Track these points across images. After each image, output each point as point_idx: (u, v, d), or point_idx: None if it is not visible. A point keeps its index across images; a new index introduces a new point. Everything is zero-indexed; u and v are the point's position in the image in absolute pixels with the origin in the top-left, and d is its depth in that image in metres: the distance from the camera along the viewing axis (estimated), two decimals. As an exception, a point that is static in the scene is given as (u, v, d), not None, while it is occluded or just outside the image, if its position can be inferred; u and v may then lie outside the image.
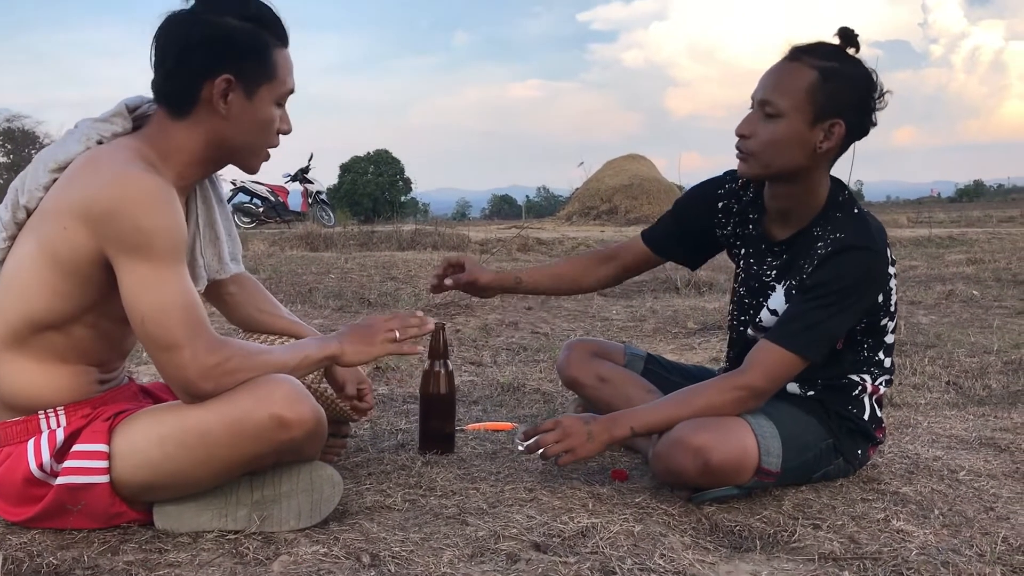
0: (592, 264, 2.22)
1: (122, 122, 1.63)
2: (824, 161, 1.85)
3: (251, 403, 1.52)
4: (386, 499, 1.81)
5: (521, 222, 16.22)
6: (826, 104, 1.78)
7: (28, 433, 1.59)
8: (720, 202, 2.05)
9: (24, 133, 30.37)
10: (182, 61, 1.56)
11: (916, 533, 1.68)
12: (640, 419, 1.86)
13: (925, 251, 9.30)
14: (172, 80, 1.58)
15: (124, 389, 1.75)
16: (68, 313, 1.56)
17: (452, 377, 2.17)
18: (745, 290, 2.02)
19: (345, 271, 6.43)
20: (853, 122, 1.81)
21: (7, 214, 1.60)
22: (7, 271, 1.59)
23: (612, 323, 4.47)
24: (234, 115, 1.59)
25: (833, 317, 1.79)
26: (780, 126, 1.79)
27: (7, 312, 1.57)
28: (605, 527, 1.65)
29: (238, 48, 1.56)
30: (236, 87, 1.57)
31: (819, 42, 1.83)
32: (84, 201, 1.49)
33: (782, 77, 1.81)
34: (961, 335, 4.00)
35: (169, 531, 1.61)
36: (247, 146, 1.65)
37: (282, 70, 1.62)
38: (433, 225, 12.16)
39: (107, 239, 1.48)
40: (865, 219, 1.85)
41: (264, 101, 1.61)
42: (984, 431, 2.45)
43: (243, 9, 1.58)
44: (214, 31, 1.56)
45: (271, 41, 1.60)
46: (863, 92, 1.82)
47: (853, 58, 1.83)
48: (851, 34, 1.82)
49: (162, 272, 1.48)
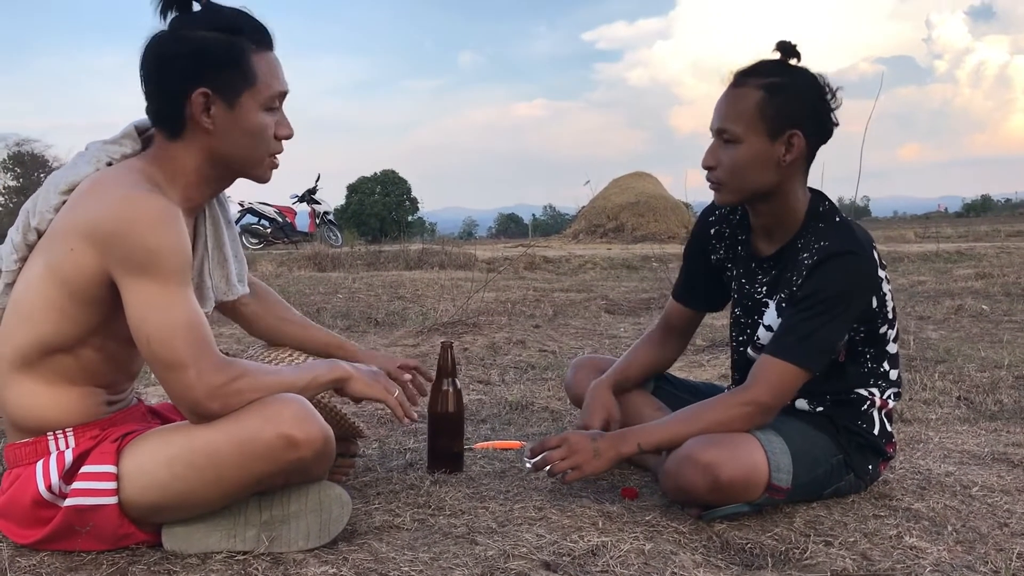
0: (659, 346, 2.19)
1: (131, 143, 1.64)
2: (794, 172, 1.86)
3: (260, 423, 1.51)
4: (395, 519, 1.80)
5: (528, 240, 16.25)
6: (778, 118, 1.80)
7: (37, 455, 1.59)
8: (712, 228, 2.08)
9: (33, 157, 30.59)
10: (160, 82, 1.57)
11: (930, 550, 1.67)
12: (647, 436, 1.86)
13: (933, 266, 9.28)
14: (156, 102, 1.59)
15: (133, 410, 1.75)
16: (75, 335, 1.56)
17: (460, 395, 2.16)
18: (740, 310, 2.03)
19: (353, 291, 6.45)
20: (811, 128, 1.83)
21: (18, 236, 1.61)
22: (17, 293, 1.60)
23: (620, 341, 4.46)
24: (220, 128, 1.58)
25: (827, 325, 1.80)
26: (741, 150, 1.82)
27: (16, 335, 1.57)
28: (615, 545, 1.64)
29: (210, 59, 1.55)
30: (215, 100, 1.56)
31: (760, 61, 1.86)
32: (90, 222, 1.49)
33: (731, 103, 1.84)
34: (971, 350, 3.98)
35: (178, 552, 1.60)
36: (244, 157, 1.63)
37: (264, 74, 1.60)
38: (440, 244, 12.20)
39: (113, 259, 1.48)
40: (848, 226, 1.86)
41: (249, 109, 1.59)
42: (996, 446, 2.43)
43: (215, 20, 1.57)
44: (185, 46, 1.55)
45: (246, 47, 1.58)
46: (813, 97, 1.84)
47: (797, 68, 1.85)
48: (789, 46, 1.85)
49: (167, 292, 1.48)
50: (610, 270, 9.79)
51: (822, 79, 1.85)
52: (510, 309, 5.63)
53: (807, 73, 1.85)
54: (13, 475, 1.61)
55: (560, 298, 6.34)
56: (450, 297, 6.04)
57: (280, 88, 1.63)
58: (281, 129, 1.64)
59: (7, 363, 1.58)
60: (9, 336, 1.58)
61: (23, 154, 31.14)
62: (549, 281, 8.16)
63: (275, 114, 1.63)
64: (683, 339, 2.22)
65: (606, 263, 10.39)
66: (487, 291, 6.29)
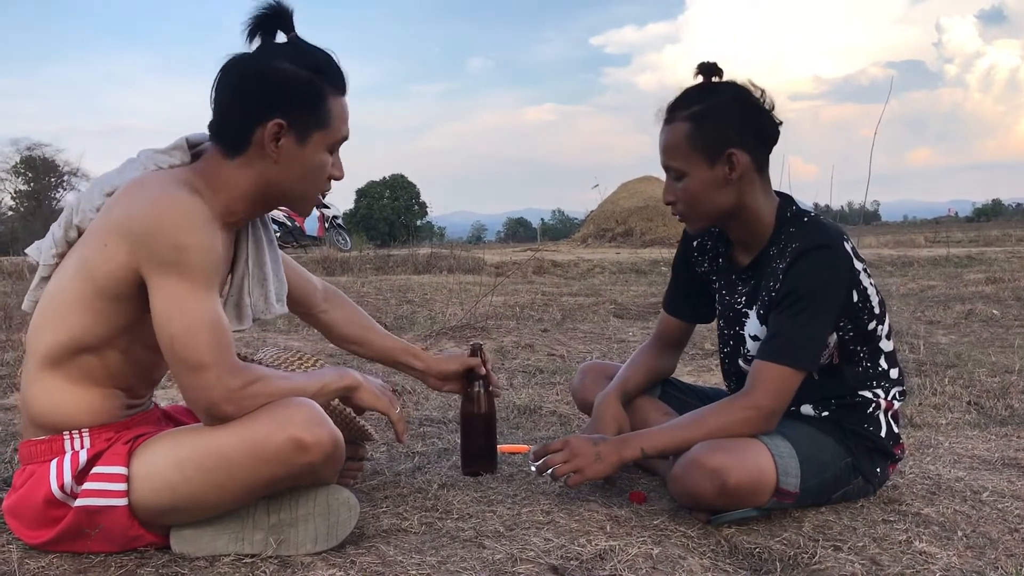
0: (656, 357, 2.20)
1: (181, 155, 1.66)
2: (747, 185, 1.87)
3: (270, 426, 1.52)
4: (403, 522, 1.80)
5: (536, 245, 16.24)
6: (709, 143, 1.82)
7: (52, 453, 1.60)
8: (694, 241, 2.10)
9: (44, 161, 30.78)
10: (237, 102, 1.60)
11: (939, 555, 1.66)
12: (650, 441, 1.86)
13: (943, 270, 9.25)
14: (226, 119, 1.61)
15: (148, 415, 1.76)
16: (103, 335, 1.58)
17: (492, 396, 2.19)
18: (724, 321, 2.04)
19: (361, 295, 6.46)
20: (746, 141, 1.84)
21: (59, 232, 1.65)
22: (50, 288, 1.63)
23: (629, 345, 4.45)
24: (284, 160, 1.61)
25: (811, 322, 1.80)
26: (689, 183, 1.86)
27: (46, 332, 1.60)
28: (623, 550, 1.64)
29: (293, 94, 1.59)
30: (288, 132, 1.60)
31: (684, 91, 1.88)
32: (124, 219, 1.52)
33: (667, 140, 1.87)
34: (982, 355, 3.97)
35: (186, 555, 1.61)
36: (296, 191, 1.67)
37: (336, 119, 1.64)
38: (448, 248, 12.21)
39: (143, 256, 1.50)
40: (817, 222, 1.87)
41: (316, 148, 1.63)
42: (1007, 451, 2.42)
43: (302, 57, 1.61)
44: (271, 75, 1.59)
45: (327, 89, 1.62)
46: (741, 110, 1.85)
47: (720, 86, 1.87)
48: (708, 66, 1.87)
49: (194, 292, 1.50)
50: (619, 274, 9.79)
51: (746, 87, 1.86)
52: (518, 313, 5.63)
53: (730, 88, 1.86)
54: (27, 472, 1.62)
55: (568, 302, 6.34)
56: (458, 301, 6.05)
57: (346, 133, 1.68)
58: (335, 171, 1.70)
59: (36, 360, 1.61)
60: (40, 333, 1.61)
61: (35, 158, 31.32)
62: (558, 285, 8.16)
63: (333, 156, 1.68)
64: (677, 349, 2.24)
65: (615, 267, 10.39)
66: (495, 295, 6.29)
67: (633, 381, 2.15)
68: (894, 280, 8.19)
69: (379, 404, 1.81)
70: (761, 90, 1.87)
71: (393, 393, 1.90)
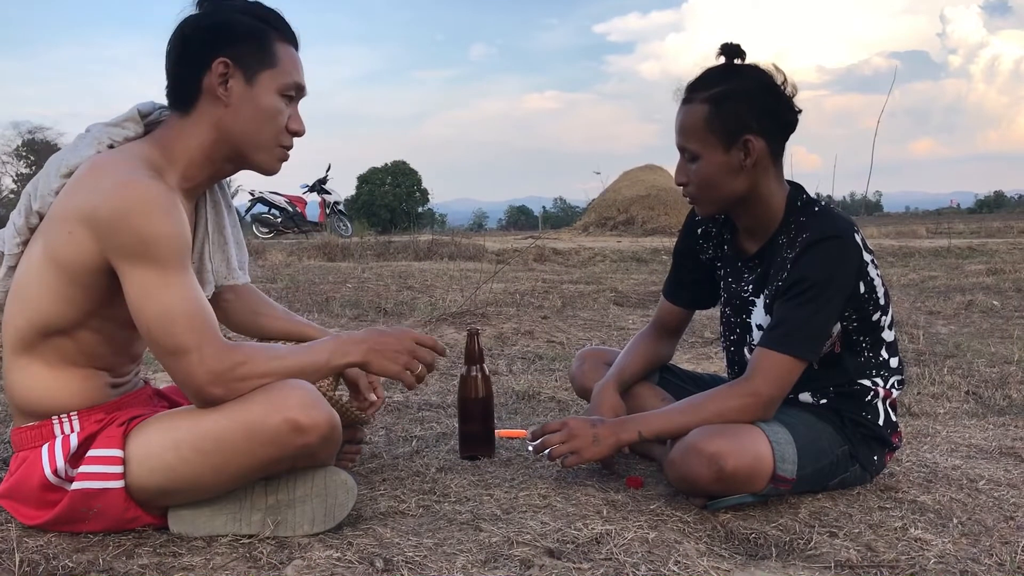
0: (654, 344, 2.19)
1: (133, 126, 1.64)
2: (763, 172, 1.85)
3: (266, 408, 1.52)
4: (400, 504, 1.81)
5: (538, 232, 16.23)
6: (728, 127, 1.80)
7: (42, 438, 1.60)
8: (699, 228, 2.09)
9: (46, 144, 30.74)
10: (183, 55, 1.59)
11: (934, 542, 1.66)
12: (648, 424, 1.86)
13: (944, 261, 9.24)
14: (175, 75, 1.61)
15: (139, 393, 1.76)
16: (73, 318, 1.57)
17: (489, 381, 2.19)
18: (730, 309, 2.04)
19: (362, 281, 6.46)
20: (765, 128, 1.82)
21: (20, 219, 1.62)
22: (18, 276, 1.61)
23: (628, 332, 4.45)
24: (235, 102, 1.59)
25: (818, 313, 1.79)
26: (703, 165, 1.84)
27: (17, 317, 1.59)
28: (619, 534, 1.64)
29: (235, 35, 1.58)
30: (235, 72, 1.58)
31: (705, 71, 1.85)
32: (87, 208, 1.50)
33: (684, 121, 1.85)
34: (981, 345, 3.97)
35: (183, 535, 1.61)
36: (252, 138, 1.63)
37: (285, 62, 1.63)
38: (450, 235, 12.19)
39: (110, 246, 1.49)
40: (828, 212, 1.86)
41: (266, 88, 1.61)
42: (1004, 441, 2.42)
43: (247, 8, 1.62)
44: (212, 23, 1.59)
45: (272, 33, 1.61)
46: (761, 96, 1.83)
47: (743, 68, 1.84)
48: (732, 47, 1.84)
49: (165, 278, 1.48)
50: (620, 263, 9.77)
51: (770, 72, 1.84)
52: (519, 300, 5.63)
53: (753, 72, 1.84)
54: (20, 458, 1.62)
55: (569, 290, 6.34)
56: (459, 287, 6.05)
57: (298, 79, 1.65)
58: (293, 123, 1.66)
59: (10, 346, 1.60)
60: (11, 319, 1.59)
61: (36, 141, 31.28)
62: (558, 273, 8.15)
63: (290, 105, 1.65)
64: (675, 336, 2.23)
65: (616, 256, 10.37)
66: (496, 282, 6.29)
67: (630, 370, 2.15)
68: (895, 270, 8.18)
69: (390, 370, 1.68)
70: (784, 76, 1.84)
71: (428, 336, 1.76)
